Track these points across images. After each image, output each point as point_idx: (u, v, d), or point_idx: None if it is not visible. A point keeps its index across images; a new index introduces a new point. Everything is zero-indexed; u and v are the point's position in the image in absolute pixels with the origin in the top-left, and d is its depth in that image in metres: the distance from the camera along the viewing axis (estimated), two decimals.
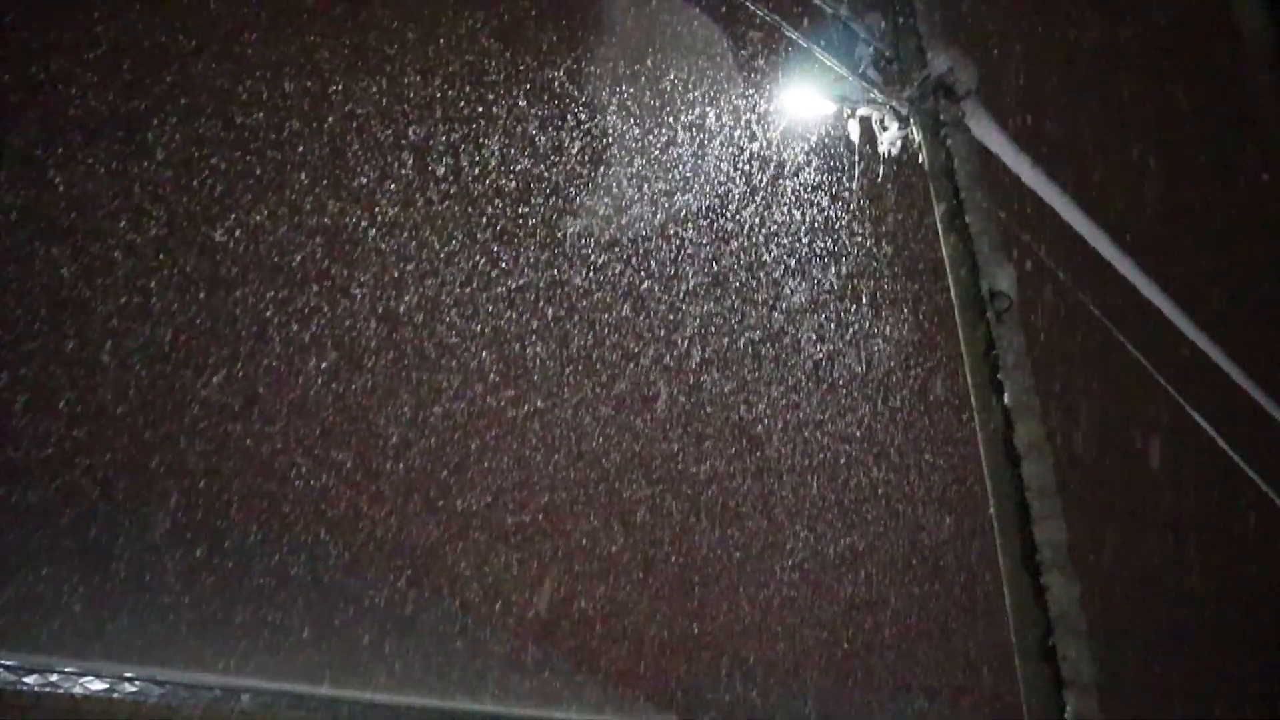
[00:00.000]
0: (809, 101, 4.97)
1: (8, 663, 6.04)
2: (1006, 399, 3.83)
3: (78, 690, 6.28)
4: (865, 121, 4.92)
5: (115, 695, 6.43)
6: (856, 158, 4.95)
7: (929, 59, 4.57)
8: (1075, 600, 3.50)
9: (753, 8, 4.71)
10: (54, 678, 6.19)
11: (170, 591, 7.74)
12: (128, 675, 6.50)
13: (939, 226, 4.32)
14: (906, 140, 4.72)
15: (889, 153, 4.84)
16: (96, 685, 6.36)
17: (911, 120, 4.64)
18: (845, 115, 4.94)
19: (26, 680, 6.09)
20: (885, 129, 4.81)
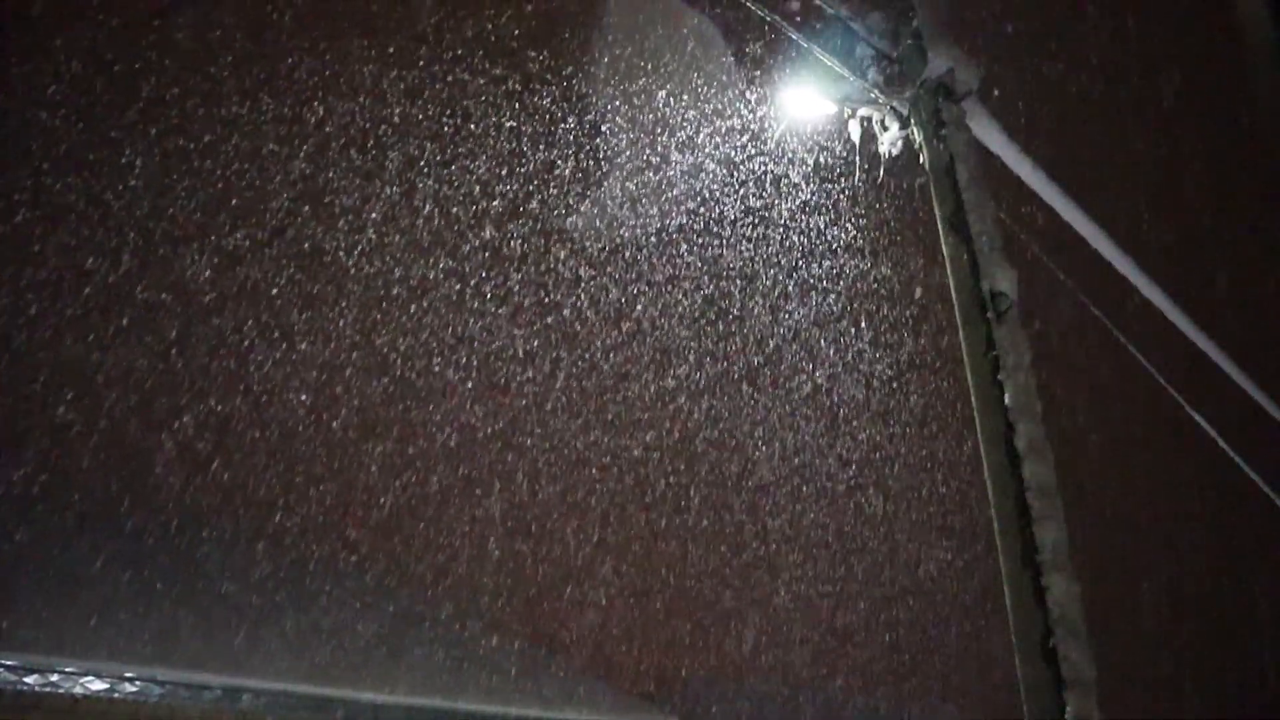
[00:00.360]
0: (809, 102, 4.97)
1: (8, 662, 6.04)
2: (1007, 399, 3.83)
3: (78, 690, 6.27)
4: (866, 122, 4.91)
5: (116, 695, 6.42)
6: (857, 159, 4.95)
7: (930, 59, 4.57)
8: (1076, 601, 3.50)
9: (753, 8, 4.70)
10: (54, 678, 6.19)
11: (171, 592, 7.74)
12: (128, 675, 6.49)
13: (939, 227, 4.32)
14: (907, 141, 4.72)
15: (889, 153, 4.83)
16: (97, 685, 6.35)
17: (912, 121, 4.64)
18: (845, 116, 4.94)
19: (27, 680, 6.09)
20: (886, 129, 4.81)
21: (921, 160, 4.58)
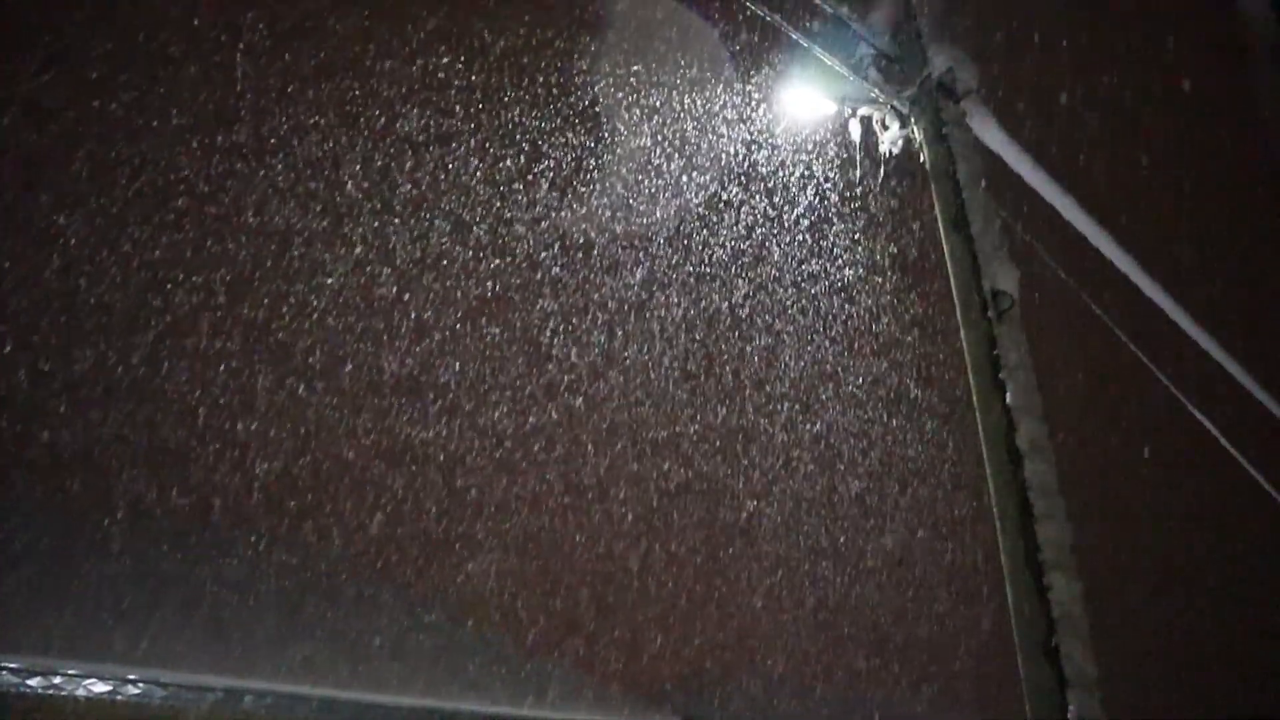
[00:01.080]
0: (810, 101, 4.97)
1: (12, 665, 6.05)
2: (1009, 398, 3.83)
3: (81, 692, 6.28)
4: (866, 121, 4.92)
5: (119, 697, 6.43)
6: (858, 159, 4.95)
7: (930, 58, 4.58)
8: (1078, 600, 3.50)
9: (753, 8, 4.71)
10: (57, 680, 6.20)
11: (173, 595, 7.74)
12: (131, 677, 6.50)
13: (940, 227, 4.32)
14: (908, 140, 4.72)
15: (890, 153, 4.84)
16: (100, 687, 6.36)
17: (912, 120, 4.64)
18: (846, 115, 4.94)
19: (30, 682, 6.10)
20: (886, 129, 4.82)
21: (922, 160, 4.58)
